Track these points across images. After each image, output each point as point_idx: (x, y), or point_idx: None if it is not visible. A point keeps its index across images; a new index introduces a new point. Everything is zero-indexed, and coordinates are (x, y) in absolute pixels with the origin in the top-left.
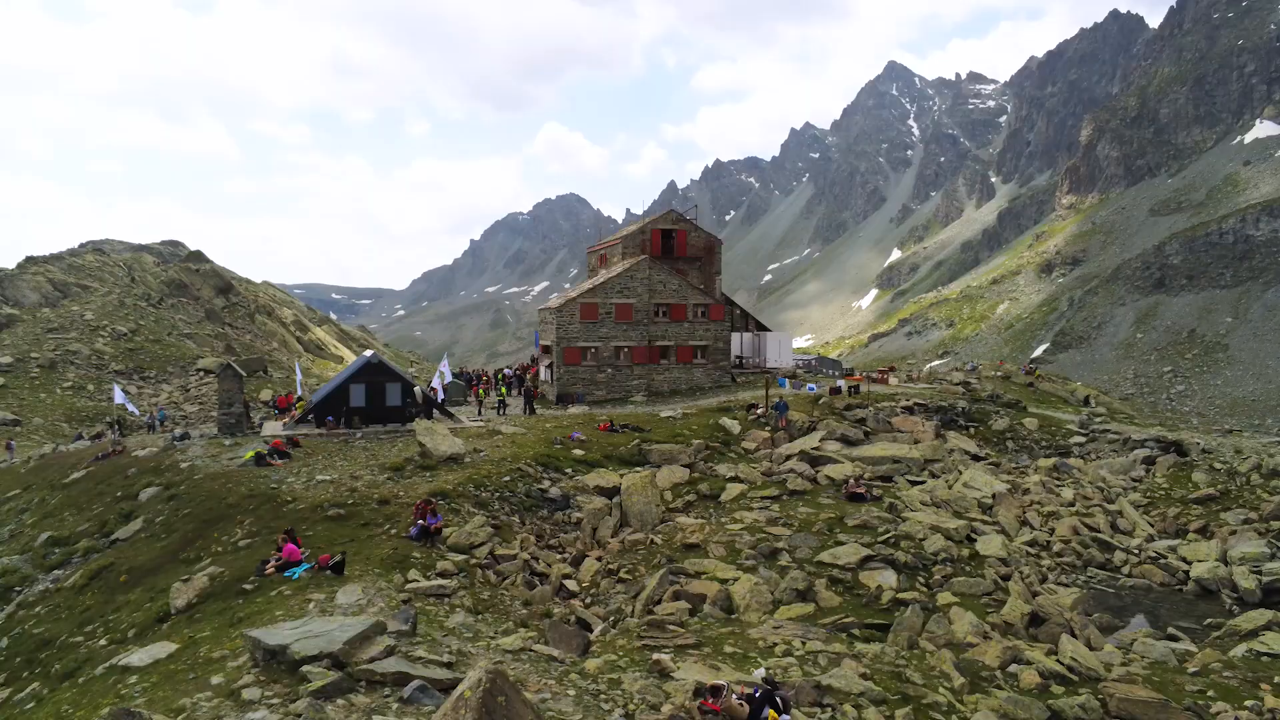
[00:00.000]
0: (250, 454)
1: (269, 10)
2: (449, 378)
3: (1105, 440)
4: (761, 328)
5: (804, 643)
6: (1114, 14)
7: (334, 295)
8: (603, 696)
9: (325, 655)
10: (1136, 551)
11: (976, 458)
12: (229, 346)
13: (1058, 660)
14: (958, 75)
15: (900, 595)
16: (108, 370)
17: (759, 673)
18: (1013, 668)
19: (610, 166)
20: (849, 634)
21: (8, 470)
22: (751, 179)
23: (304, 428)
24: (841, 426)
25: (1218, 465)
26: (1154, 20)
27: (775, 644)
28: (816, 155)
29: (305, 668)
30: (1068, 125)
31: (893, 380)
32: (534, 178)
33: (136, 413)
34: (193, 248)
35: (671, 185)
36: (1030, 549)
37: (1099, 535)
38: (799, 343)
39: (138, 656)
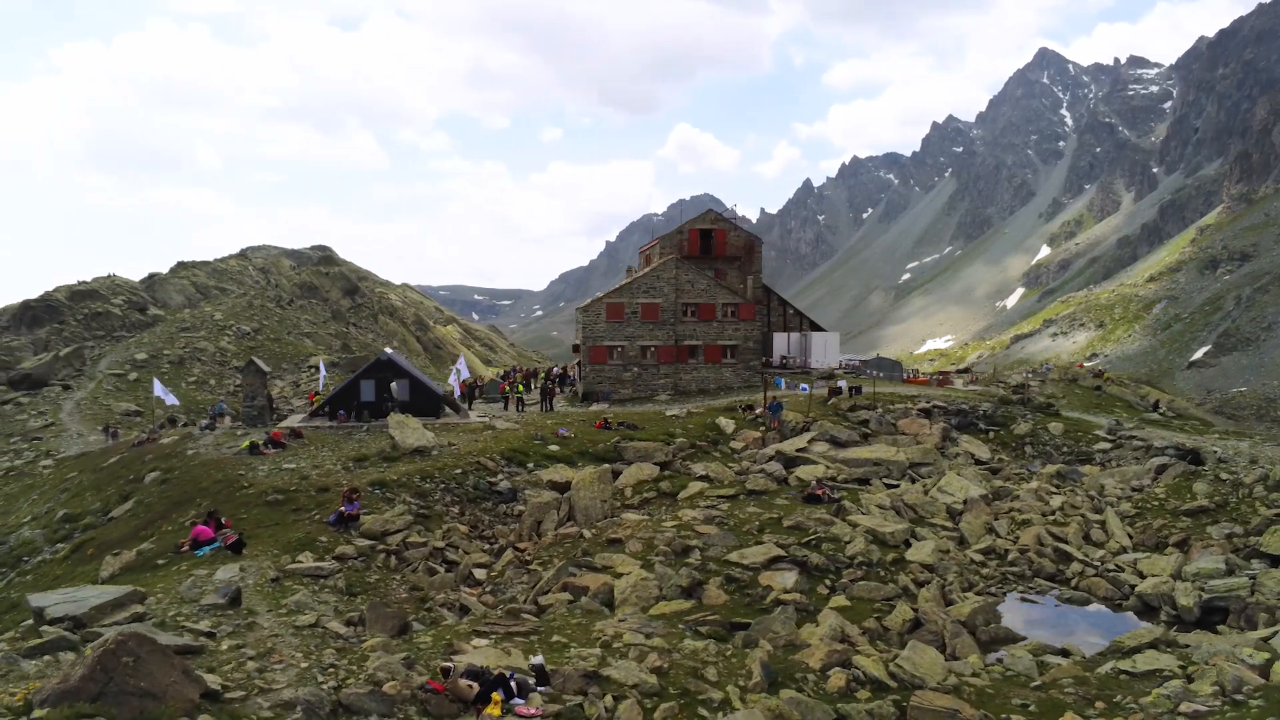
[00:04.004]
0: (246, 443)
1: (412, 25)
2: (465, 374)
3: (1130, 447)
4: (816, 327)
5: (633, 635)
6: None
7: (475, 296)
8: (333, 669)
9: (69, 618)
10: (1097, 563)
11: (980, 461)
12: (345, 345)
13: (886, 666)
14: (1116, 60)
15: (784, 596)
16: (229, 366)
17: (535, 660)
18: (834, 671)
19: (742, 166)
20: (696, 631)
21: (87, 455)
22: (890, 175)
23: (318, 420)
24: (836, 428)
25: (1224, 476)
26: None
27: (602, 636)
28: (960, 149)
29: (45, 627)
30: (1241, 109)
31: (958, 383)
32: (666, 179)
33: (174, 402)
34: (343, 252)
35: (807, 184)
36: (981, 556)
37: (1062, 546)
38: (937, 344)
39: None
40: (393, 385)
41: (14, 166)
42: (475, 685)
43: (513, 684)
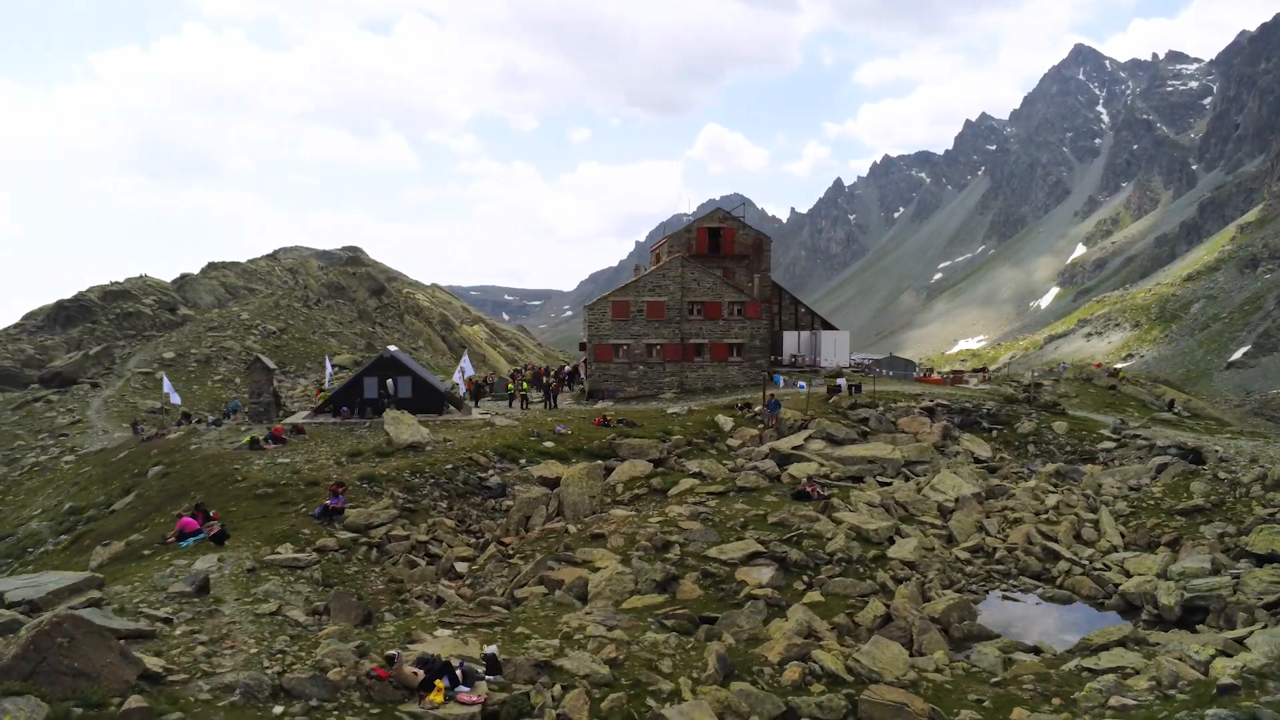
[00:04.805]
0: (246, 439)
1: (442, 28)
2: (469, 372)
3: (1134, 447)
4: (828, 326)
5: (596, 627)
6: None
7: (506, 296)
8: (281, 655)
9: (26, 602)
10: (1085, 562)
11: (980, 460)
12: (370, 344)
13: (844, 660)
14: (1154, 55)
15: (758, 591)
16: None
17: (488, 649)
18: (791, 664)
19: (772, 166)
20: (662, 624)
21: (103, 451)
22: (922, 174)
23: (322, 416)
24: (834, 425)
25: (1222, 475)
26: None
27: (566, 628)
28: (993, 147)
29: (1, 610)
30: None
31: (972, 382)
32: (696, 180)
33: (179, 402)
34: (376, 253)
35: (838, 183)
36: (968, 554)
37: (1051, 544)
38: (969, 344)
39: None
40: (388, 382)
41: (57, 170)
42: (420, 672)
43: (459, 672)
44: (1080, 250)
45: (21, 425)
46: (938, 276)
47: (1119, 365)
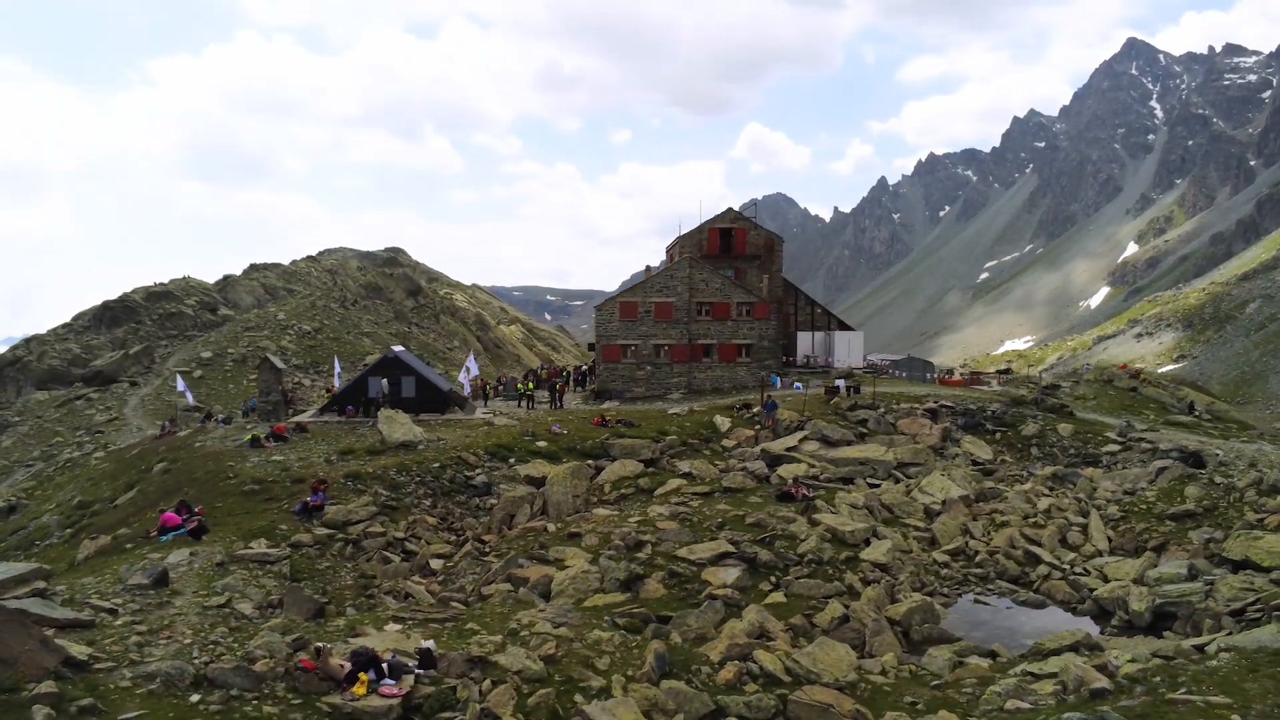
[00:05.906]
0: (248, 437)
1: (485, 31)
2: (474, 372)
3: (1139, 450)
4: (844, 326)
5: (544, 624)
6: None
7: (549, 297)
8: (213, 645)
9: None
10: (1066, 567)
11: (979, 462)
12: (404, 345)
13: (784, 661)
14: (1210, 49)
15: (719, 591)
16: (288, 365)
17: (423, 644)
18: (730, 664)
19: (814, 165)
20: (614, 623)
21: (125, 447)
22: (969, 172)
23: (328, 415)
24: (830, 427)
25: (1219, 479)
26: None
27: (516, 625)
28: (1042, 144)
29: None
30: None
31: (994, 383)
32: (737, 179)
33: (192, 400)
34: (423, 254)
35: (882, 181)
36: (947, 557)
37: (1034, 549)
38: (1016, 344)
39: None
40: (382, 381)
41: (116, 173)
42: (347, 665)
43: (385, 665)
44: (1132, 249)
45: (62, 423)
46: (984, 276)
47: (1170, 367)
